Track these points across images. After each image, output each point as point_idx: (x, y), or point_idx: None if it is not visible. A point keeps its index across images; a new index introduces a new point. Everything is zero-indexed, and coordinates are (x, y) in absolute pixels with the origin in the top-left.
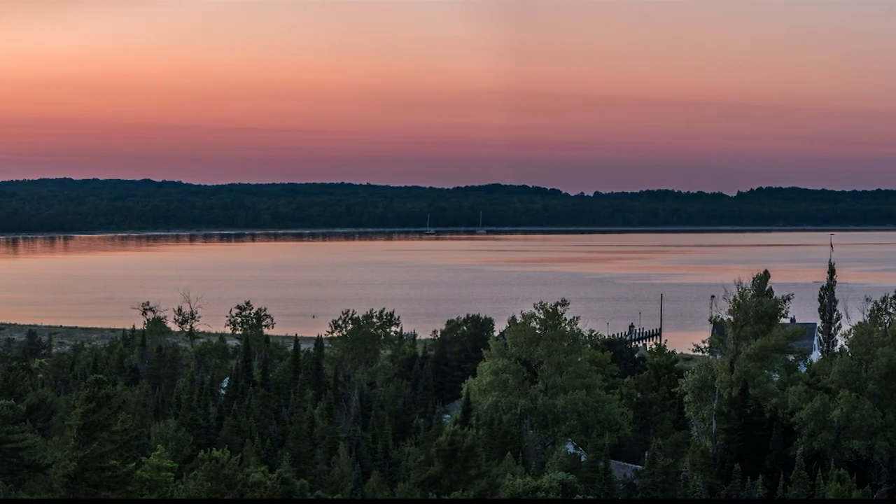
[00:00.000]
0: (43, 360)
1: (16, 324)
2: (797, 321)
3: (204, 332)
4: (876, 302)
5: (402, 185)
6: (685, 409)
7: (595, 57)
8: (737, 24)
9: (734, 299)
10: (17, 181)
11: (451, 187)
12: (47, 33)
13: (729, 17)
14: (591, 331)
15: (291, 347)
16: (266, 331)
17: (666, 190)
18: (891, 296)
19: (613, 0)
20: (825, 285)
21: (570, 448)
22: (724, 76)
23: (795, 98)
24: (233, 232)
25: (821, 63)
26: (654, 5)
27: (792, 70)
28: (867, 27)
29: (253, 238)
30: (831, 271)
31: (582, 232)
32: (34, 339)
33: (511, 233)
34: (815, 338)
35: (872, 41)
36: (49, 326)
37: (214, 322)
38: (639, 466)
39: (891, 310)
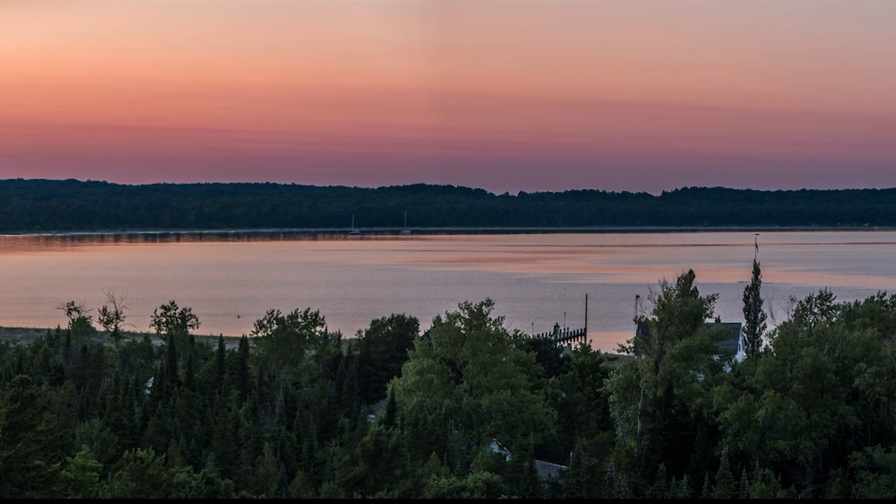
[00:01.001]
0: None
1: None
2: (722, 321)
3: (129, 333)
4: (801, 302)
5: (327, 186)
6: (610, 409)
7: (520, 57)
8: (662, 24)
9: (659, 299)
10: None
11: (375, 187)
12: None
13: (654, 17)
14: (516, 331)
15: (216, 347)
16: (191, 331)
17: (591, 190)
18: (815, 296)
19: (537, 1)
20: (750, 285)
21: (495, 448)
22: (649, 76)
23: (721, 98)
24: (158, 232)
25: (746, 63)
26: (579, 6)
27: (717, 70)
28: (793, 28)
29: (178, 238)
30: (756, 271)
31: (507, 232)
32: None
33: (436, 233)
34: (740, 338)
35: (798, 42)
36: None
37: (139, 322)
38: (564, 466)
39: (815, 310)
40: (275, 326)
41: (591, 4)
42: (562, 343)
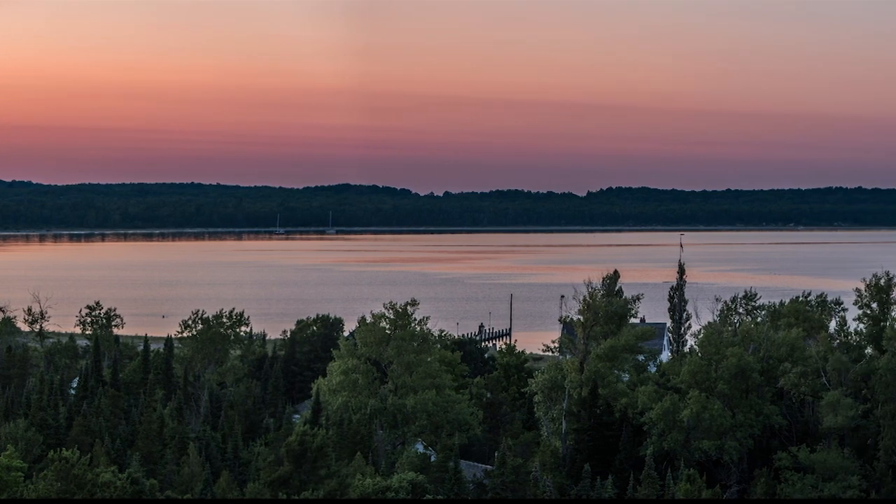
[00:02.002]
0: None
1: None
2: (647, 321)
3: (54, 332)
4: (725, 302)
5: (252, 186)
6: (535, 409)
7: (445, 57)
8: (587, 25)
9: (584, 299)
10: None
11: (300, 187)
12: None
13: (579, 17)
14: (441, 331)
15: (141, 347)
16: (116, 331)
17: (516, 190)
18: (740, 296)
19: (462, 1)
20: (675, 285)
21: (420, 448)
22: (574, 76)
23: (646, 98)
24: (83, 232)
25: (671, 64)
26: (503, 6)
27: (642, 71)
28: (717, 28)
29: (103, 238)
30: (681, 271)
31: (432, 232)
32: None
33: (361, 233)
34: (665, 338)
35: (721, 42)
36: None
37: (64, 322)
38: (488, 466)
39: (740, 310)
40: (200, 326)
41: (514, 5)
42: (487, 343)
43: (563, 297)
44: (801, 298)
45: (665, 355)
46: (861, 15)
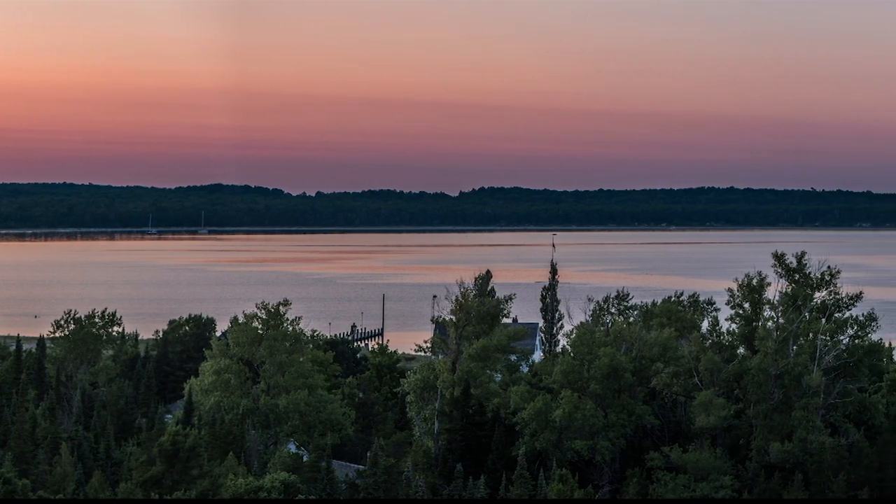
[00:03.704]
0: None
1: None
2: (519, 321)
3: None
4: (598, 302)
5: (125, 185)
6: (407, 409)
7: (318, 57)
8: (460, 24)
9: (456, 299)
10: None
11: (173, 187)
12: None
13: (452, 17)
14: (314, 331)
15: (13, 347)
16: None
17: (388, 190)
18: (612, 296)
19: (335, 1)
20: (547, 285)
21: (293, 448)
22: (447, 76)
23: (518, 98)
24: None
25: (543, 64)
26: (376, 5)
27: (515, 70)
28: (590, 28)
29: None
30: (553, 271)
31: (304, 232)
32: None
33: (233, 233)
34: (538, 338)
35: (594, 42)
36: None
37: None
38: (361, 466)
39: (613, 310)
40: (72, 326)
41: (388, 4)
42: (359, 343)
43: (435, 297)
44: (673, 298)
45: (537, 355)
46: (732, 16)
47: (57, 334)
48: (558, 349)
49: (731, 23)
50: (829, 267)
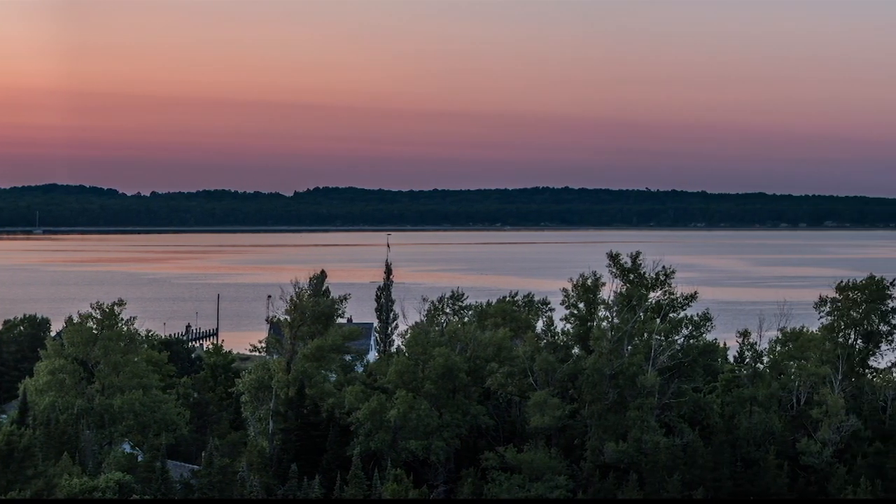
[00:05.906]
0: None
1: None
2: (354, 321)
3: None
4: (432, 302)
5: None
6: (242, 409)
7: (152, 57)
8: (296, 24)
9: (291, 299)
10: None
11: (7, 187)
12: None
13: (288, 16)
14: (148, 331)
15: None
16: None
17: (223, 190)
18: (447, 296)
19: (172, 1)
20: (382, 285)
21: (128, 448)
22: (282, 76)
23: (352, 98)
24: None
25: (378, 63)
26: (211, 6)
27: (350, 71)
28: (421, 28)
29: None
30: (388, 271)
31: (139, 232)
32: None
33: (68, 233)
34: (372, 338)
35: (428, 42)
36: None
37: None
38: (196, 466)
39: (447, 310)
40: None
41: (222, 4)
42: (194, 343)
43: (269, 296)
44: (508, 298)
45: (372, 355)
46: (565, 16)
47: None
48: (393, 349)
49: (564, 22)
50: (663, 267)
